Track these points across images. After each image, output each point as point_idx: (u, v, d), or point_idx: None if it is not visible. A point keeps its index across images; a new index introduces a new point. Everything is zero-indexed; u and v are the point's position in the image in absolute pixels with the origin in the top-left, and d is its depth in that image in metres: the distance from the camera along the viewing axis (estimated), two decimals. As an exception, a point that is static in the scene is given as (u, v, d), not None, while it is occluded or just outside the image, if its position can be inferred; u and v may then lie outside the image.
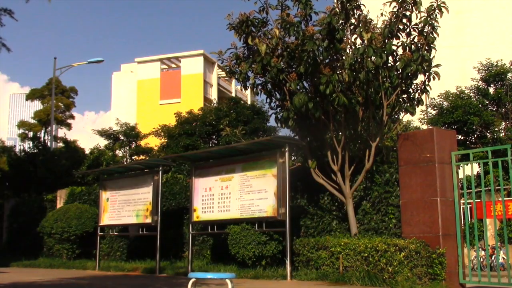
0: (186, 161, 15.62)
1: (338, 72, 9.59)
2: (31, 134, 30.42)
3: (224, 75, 45.62)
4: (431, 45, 9.43)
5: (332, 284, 8.83)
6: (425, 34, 9.36)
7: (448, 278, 8.44)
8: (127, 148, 27.16)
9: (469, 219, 15.57)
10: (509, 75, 22.59)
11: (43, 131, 32.08)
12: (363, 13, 9.85)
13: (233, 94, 43.49)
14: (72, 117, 34.79)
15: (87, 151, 26.00)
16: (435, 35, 9.38)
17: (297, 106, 9.57)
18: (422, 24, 9.37)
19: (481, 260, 14.67)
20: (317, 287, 8.50)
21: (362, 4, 9.98)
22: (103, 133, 26.96)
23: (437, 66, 9.50)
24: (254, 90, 10.70)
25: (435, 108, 22.59)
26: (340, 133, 10.20)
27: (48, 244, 15.95)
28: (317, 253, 9.66)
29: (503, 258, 14.86)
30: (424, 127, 21.69)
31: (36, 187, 21.75)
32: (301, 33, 9.40)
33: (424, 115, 22.96)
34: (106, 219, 14.07)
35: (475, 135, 21.79)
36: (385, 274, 8.49)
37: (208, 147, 20.25)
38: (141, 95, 45.50)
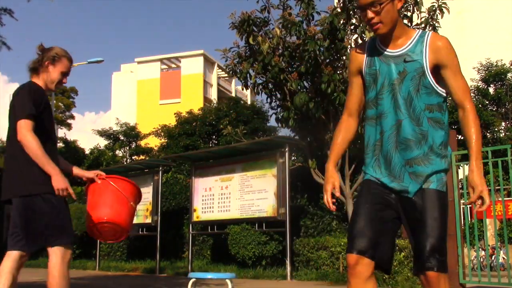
0: (186, 161, 15.61)
1: (338, 72, 9.60)
2: (31, 134, 30.39)
3: (224, 75, 45.67)
4: (432, 45, 9.40)
5: (332, 284, 8.82)
6: (426, 34, 9.34)
7: (448, 278, 8.43)
8: (127, 148, 27.16)
9: (469, 219, 15.56)
10: (509, 75, 22.57)
11: (43, 131, 32.07)
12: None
13: (233, 94, 43.45)
14: (72, 117, 34.83)
15: (87, 151, 25.98)
16: (435, 35, 9.36)
17: (297, 106, 9.57)
18: (423, 25, 9.36)
19: (481, 260, 14.65)
20: (317, 287, 8.50)
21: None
22: (103, 133, 26.95)
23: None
24: (255, 89, 10.71)
25: (435, 108, 22.58)
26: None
27: (48, 244, 15.93)
28: (317, 253, 9.66)
29: (503, 258, 14.85)
30: (424, 127, 21.64)
31: (36, 187, 21.67)
32: (303, 32, 9.40)
33: (424, 115, 22.94)
34: (106, 219, 14.05)
35: (475, 135, 21.76)
36: (385, 274, 8.49)
37: (208, 147, 20.24)
38: (141, 95, 45.47)
